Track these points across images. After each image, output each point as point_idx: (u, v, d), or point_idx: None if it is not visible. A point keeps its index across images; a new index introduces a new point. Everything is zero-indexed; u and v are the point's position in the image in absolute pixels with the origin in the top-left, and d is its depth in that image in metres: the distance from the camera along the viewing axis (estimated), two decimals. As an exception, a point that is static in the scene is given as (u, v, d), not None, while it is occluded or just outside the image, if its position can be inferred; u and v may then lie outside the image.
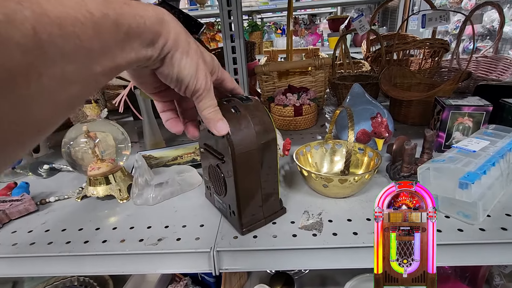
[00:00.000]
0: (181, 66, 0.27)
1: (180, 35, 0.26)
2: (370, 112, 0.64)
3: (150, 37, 0.23)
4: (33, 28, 0.14)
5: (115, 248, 0.43)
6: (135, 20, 0.21)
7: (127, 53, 0.21)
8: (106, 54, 0.19)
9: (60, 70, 0.16)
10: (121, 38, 0.20)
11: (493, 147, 0.48)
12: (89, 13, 0.18)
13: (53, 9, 0.15)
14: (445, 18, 0.79)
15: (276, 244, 0.41)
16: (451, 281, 0.71)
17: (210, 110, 0.32)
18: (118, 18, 0.20)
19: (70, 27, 0.16)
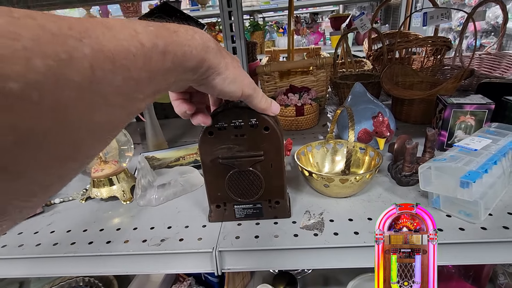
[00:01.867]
0: (225, 85, 0.28)
1: (222, 58, 0.27)
2: (372, 111, 0.64)
3: (194, 64, 0.23)
4: (91, 66, 0.14)
5: (119, 248, 0.44)
6: (182, 49, 0.22)
7: (169, 79, 0.22)
8: (151, 82, 0.19)
9: (109, 102, 0.16)
10: (167, 67, 0.20)
11: (495, 146, 0.48)
12: (141, 44, 0.18)
13: (108, 43, 0.16)
14: (447, 16, 0.79)
15: (277, 244, 0.42)
16: (454, 280, 0.71)
17: (262, 103, 0.34)
18: (166, 48, 0.20)
19: (122, 61, 0.16)
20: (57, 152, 0.14)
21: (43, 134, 0.13)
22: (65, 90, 0.13)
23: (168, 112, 0.98)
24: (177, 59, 0.21)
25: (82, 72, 0.14)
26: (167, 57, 0.20)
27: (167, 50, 0.20)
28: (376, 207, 0.48)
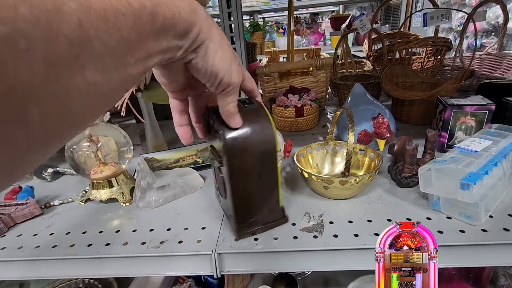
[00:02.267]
0: (216, 59, 0.27)
1: (212, 27, 0.26)
2: (372, 113, 0.63)
3: (184, 27, 0.23)
4: (79, 21, 0.14)
5: (118, 251, 0.43)
6: (170, 10, 0.21)
7: (160, 43, 0.21)
8: (141, 44, 0.19)
9: (101, 63, 0.16)
10: (157, 28, 0.20)
11: (495, 147, 0.47)
12: (129, 4, 0.17)
13: (97, 1, 0.15)
14: (447, 17, 0.79)
15: (277, 246, 0.42)
16: (455, 281, 0.71)
17: (234, 104, 0.33)
18: (154, 9, 0.20)
19: (113, 19, 0.16)
20: (47, 113, 0.14)
21: (35, 89, 0.13)
22: (55, 43, 0.13)
23: (168, 113, 0.98)
24: (167, 21, 0.21)
25: (72, 27, 0.13)
26: (157, 19, 0.20)
27: (155, 11, 0.19)
28: (376, 209, 0.48)
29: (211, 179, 0.60)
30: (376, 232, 0.42)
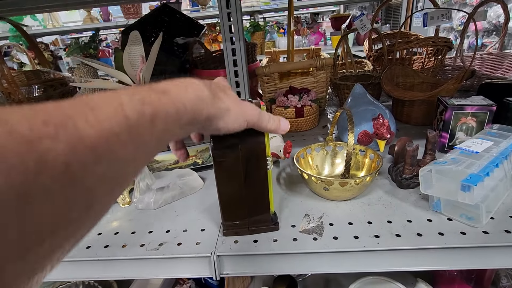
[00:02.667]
0: (229, 127, 0.28)
1: (220, 101, 0.27)
2: (372, 113, 0.63)
3: (190, 117, 0.23)
4: (65, 163, 0.14)
5: (117, 253, 0.43)
6: (175, 106, 0.21)
7: (164, 139, 0.22)
8: (140, 149, 0.19)
9: (89, 191, 0.16)
10: (159, 130, 0.20)
11: (496, 148, 0.47)
12: (125, 118, 0.17)
13: (90, 130, 0.15)
14: (447, 17, 0.78)
15: (276, 249, 0.41)
16: (456, 283, 0.70)
17: (270, 124, 0.33)
18: (155, 112, 0.19)
19: (103, 146, 0.16)
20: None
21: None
22: (32, 201, 0.13)
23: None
24: (170, 119, 0.21)
25: (56, 170, 0.13)
26: (157, 122, 0.20)
27: (156, 115, 0.20)
28: (376, 211, 0.47)
29: (211, 180, 0.60)
30: (377, 234, 0.42)
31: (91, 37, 2.21)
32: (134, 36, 0.63)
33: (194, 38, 1.01)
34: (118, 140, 0.17)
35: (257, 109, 0.31)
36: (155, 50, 0.62)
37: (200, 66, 0.97)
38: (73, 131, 0.14)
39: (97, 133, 0.15)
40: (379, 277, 0.67)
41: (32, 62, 1.37)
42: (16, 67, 2.14)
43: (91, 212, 0.16)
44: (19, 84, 0.89)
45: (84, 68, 0.82)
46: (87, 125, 0.15)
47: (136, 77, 0.63)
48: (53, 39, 3.13)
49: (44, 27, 2.67)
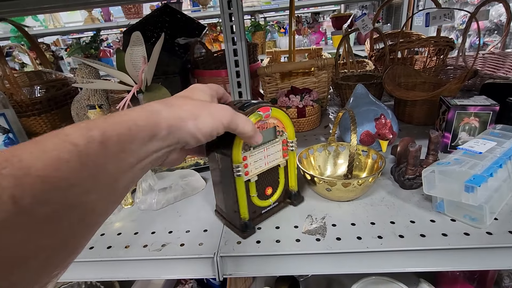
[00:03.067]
0: (202, 129, 0.28)
1: (180, 110, 0.27)
2: (374, 113, 0.63)
3: (148, 133, 0.24)
4: (12, 197, 0.14)
5: (120, 254, 0.43)
6: (125, 126, 0.22)
7: (126, 158, 0.22)
8: (100, 174, 0.19)
9: (48, 219, 0.16)
10: (115, 151, 0.20)
11: (500, 148, 0.47)
12: (73, 145, 0.18)
13: (35, 161, 0.15)
14: (449, 16, 0.78)
15: (279, 249, 0.41)
16: (459, 283, 0.70)
17: (241, 128, 0.32)
18: (104, 135, 0.20)
19: (53, 174, 0.16)
20: None
21: None
22: None
23: (169, 114, 0.97)
24: (123, 138, 0.21)
25: (5, 210, 0.14)
26: (109, 144, 0.20)
27: (106, 137, 0.20)
28: (379, 211, 0.47)
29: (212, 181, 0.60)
30: (380, 234, 0.42)
31: (92, 38, 2.21)
32: (136, 36, 0.63)
33: (195, 38, 1.01)
34: (69, 167, 0.17)
35: (229, 110, 0.31)
36: (157, 51, 0.62)
37: (201, 66, 0.97)
38: (18, 165, 0.15)
39: (44, 162, 0.16)
40: (381, 277, 0.67)
41: (34, 63, 1.38)
42: (17, 67, 2.15)
43: (57, 239, 0.16)
44: (21, 85, 0.89)
45: (86, 68, 0.82)
46: (32, 156, 0.15)
47: (138, 77, 0.63)
48: (54, 40, 3.13)
49: (45, 28, 2.68)
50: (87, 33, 3.06)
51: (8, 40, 2.23)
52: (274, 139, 0.44)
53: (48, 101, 0.91)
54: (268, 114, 0.40)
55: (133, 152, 0.22)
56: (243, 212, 0.43)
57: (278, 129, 0.43)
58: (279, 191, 0.48)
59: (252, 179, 0.42)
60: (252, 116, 0.38)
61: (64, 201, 0.17)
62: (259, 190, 0.45)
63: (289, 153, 0.46)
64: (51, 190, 0.16)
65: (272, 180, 0.46)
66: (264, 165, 0.44)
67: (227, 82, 0.92)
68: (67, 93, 0.98)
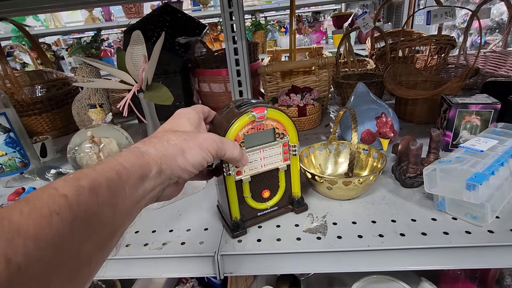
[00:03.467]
0: (193, 161, 0.29)
1: (168, 148, 0.27)
2: (375, 112, 0.63)
3: (140, 174, 0.24)
4: (5, 257, 0.14)
5: (121, 252, 0.43)
6: (113, 170, 0.22)
7: (120, 202, 0.22)
8: (93, 223, 0.19)
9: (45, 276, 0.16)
10: (107, 197, 0.21)
11: (501, 146, 0.47)
12: (63, 197, 0.18)
13: (26, 220, 0.16)
14: (451, 14, 0.78)
15: (280, 248, 0.41)
16: (460, 282, 0.70)
17: (230, 153, 0.33)
18: (94, 182, 0.20)
19: (46, 231, 0.16)
20: None
21: None
22: None
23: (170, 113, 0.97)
24: (113, 183, 0.21)
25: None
26: (100, 191, 0.20)
27: (96, 184, 0.20)
28: (380, 210, 0.47)
29: (213, 180, 0.60)
30: (381, 233, 0.42)
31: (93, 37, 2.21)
32: (136, 35, 0.63)
33: (196, 37, 1.01)
34: (61, 220, 0.17)
35: (215, 139, 0.31)
36: (158, 50, 0.62)
37: (202, 65, 0.97)
38: (8, 227, 0.15)
39: (34, 220, 0.16)
40: (382, 276, 0.67)
41: (35, 62, 1.38)
42: (18, 67, 2.15)
43: None
44: (22, 85, 0.89)
45: (87, 68, 0.82)
46: (22, 216, 0.16)
47: (138, 77, 0.63)
48: (55, 39, 3.14)
49: (46, 28, 2.68)
50: (88, 33, 3.07)
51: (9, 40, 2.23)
52: (272, 141, 0.42)
53: (49, 100, 0.92)
54: (262, 115, 0.39)
55: (127, 196, 0.23)
56: (234, 211, 0.43)
57: (277, 131, 0.42)
58: (278, 196, 0.46)
59: (245, 179, 0.42)
60: (245, 116, 0.38)
61: (58, 255, 0.17)
62: (254, 191, 0.44)
63: (291, 157, 0.44)
64: (44, 248, 0.16)
65: (271, 184, 0.45)
66: (260, 167, 0.43)
67: (227, 81, 0.92)
68: (68, 92, 0.98)
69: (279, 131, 0.42)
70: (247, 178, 0.42)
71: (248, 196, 0.43)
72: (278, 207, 0.47)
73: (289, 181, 0.46)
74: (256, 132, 0.40)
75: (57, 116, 0.95)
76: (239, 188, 0.42)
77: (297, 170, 0.45)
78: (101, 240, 0.20)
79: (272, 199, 0.46)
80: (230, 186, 0.41)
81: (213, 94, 0.97)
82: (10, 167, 0.64)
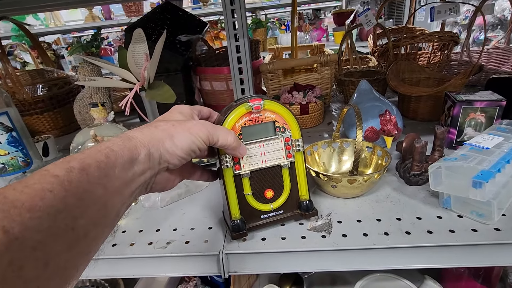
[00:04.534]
0: (183, 145, 0.28)
1: (155, 132, 0.28)
2: (378, 109, 0.62)
3: (127, 157, 0.24)
4: (2, 227, 0.15)
5: (125, 251, 0.43)
6: (102, 153, 0.23)
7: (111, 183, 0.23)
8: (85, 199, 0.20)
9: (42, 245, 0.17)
10: (97, 177, 0.21)
11: (507, 144, 0.46)
12: (54, 177, 0.19)
13: (19, 195, 0.17)
14: (455, 10, 0.77)
15: (285, 247, 0.41)
16: (464, 279, 0.70)
17: (223, 140, 0.32)
18: (83, 163, 0.21)
19: (39, 203, 0.17)
20: None
21: None
22: None
23: (172, 112, 0.97)
24: (103, 164, 0.22)
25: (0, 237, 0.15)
26: (90, 171, 0.21)
27: (85, 165, 0.21)
28: (385, 208, 0.47)
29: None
30: (386, 231, 0.42)
31: (93, 36, 2.20)
32: (137, 34, 0.63)
33: (197, 35, 1.01)
34: (53, 195, 0.18)
35: (206, 124, 0.31)
36: (159, 48, 0.62)
37: (203, 63, 0.97)
38: (3, 201, 0.16)
39: (28, 194, 0.17)
40: (386, 274, 0.67)
41: (35, 61, 1.38)
42: (19, 66, 2.15)
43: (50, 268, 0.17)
44: (23, 84, 0.89)
45: (88, 66, 0.82)
46: (16, 192, 0.17)
47: (140, 75, 0.63)
48: (55, 38, 3.13)
49: (46, 26, 2.68)
50: (88, 31, 3.06)
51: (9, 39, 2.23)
52: (273, 135, 0.40)
53: (50, 99, 0.91)
54: (259, 105, 0.38)
55: (116, 176, 0.23)
56: (234, 210, 0.41)
57: (278, 125, 0.40)
58: (283, 197, 0.43)
59: (245, 174, 0.40)
60: (241, 106, 0.37)
61: (53, 226, 0.17)
62: (255, 189, 0.41)
63: (295, 154, 0.42)
64: (39, 217, 0.17)
65: (273, 183, 0.42)
66: (261, 163, 0.41)
67: (229, 79, 0.92)
68: (69, 91, 0.98)
69: (279, 125, 0.40)
70: (247, 174, 0.40)
71: (248, 193, 0.41)
72: (284, 210, 0.44)
73: (295, 181, 0.43)
74: (254, 125, 0.39)
75: (59, 115, 0.95)
76: (238, 184, 0.40)
77: (302, 169, 0.43)
78: (94, 216, 0.21)
79: (277, 201, 0.43)
80: (228, 180, 0.39)
81: (214, 92, 0.97)
82: (13, 166, 0.64)
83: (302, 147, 0.42)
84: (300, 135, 0.41)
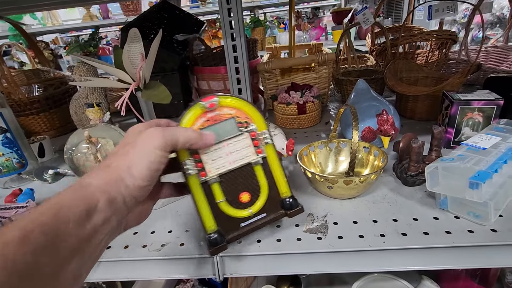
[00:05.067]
0: (143, 179, 0.26)
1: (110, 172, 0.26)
2: (376, 109, 0.62)
3: (81, 209, 0.23)
4: None
5: (119, 254, 0.43)
6: (51, 212, 0.21)
7: (65, 243, 0.21)
8: (31, 273, 0.19)
9: None
10: (41, 242, 0.20)
11: (505, 144, 0.46)
12: (12, 263, 0.17)
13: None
14: (453, 9, 0.76)
15: (280, 249, 0.41)
16: (461, 279, 0.70)
17: (191, 140, 0.30)
18: (24, 230, 0.19)
19: None
20: None
21: None
22: None
23: (168, 111, 0.97)
24: (49, 226, 0.20)
25: None
26: (32, 236, 0.19)
27: (25, 230, 0.19)
28: (382, 209, 0.46)
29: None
30: (382, 233, 0.41)
31: (91, 35, 2.20)
32: (133, 33, 0.62)
33: (194, 34, 1.00)
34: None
35: (156, 131, 0.28)
36: (155, 47, 0.61)
37: (200, 63, 0.96)
38: None
39: None
40: (383, 274, 0.67)
41: (32, 61, 1.37)
42: (16, 66, 2.14)
43: None
44: (19, 84, 0.88)
45: (84, 66, 0.81)
46: None
47: (136, 75, 0.62)
48: (53, 38, 3.12)
49: (43, 26, 2.66)
50: (85, 30, 3.04)
51: (6, 38, 2.22)
52: (236, 132, 0.36)
53: (46, 99, 0.91)
54: (212, 103, 0.34)
55: (71, 234, 0.21)
56: (208, 222, 0.36)
57: (239, 120, 0.36)
58: (262, 199, 0.38)
59: (213, 180, 0.36)
60: (195, 106, 0.34)
61: None
62: (228, 194, 0.37)
63: (265, 147, 0.37)
64: None
65: (247, 184, 0.37)
66: (229, 164, 0.36)
67: (226, 79, 0.91)
68: (65, 91, 0.98)
69: (241, 120, 0.36)
70: (215, 179, 0.36)
71: (221, 200, 0.36)
72: (266, 213, 0.39)
73: (271, 178, 0.38)
74: (214, 125, 0.35)
75: (55, 115, 0.94)
76: (208, 191, 0.36)
77: (277, 163, 0.38)
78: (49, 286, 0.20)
79: (255, 204, 0.38)
80: (195, 190, 0.35)
81: (212, 92, 0.96)
82: (8, 168, 0.64)
83: (270, 139, 0.38)
84: (265, 126, 0.37)
